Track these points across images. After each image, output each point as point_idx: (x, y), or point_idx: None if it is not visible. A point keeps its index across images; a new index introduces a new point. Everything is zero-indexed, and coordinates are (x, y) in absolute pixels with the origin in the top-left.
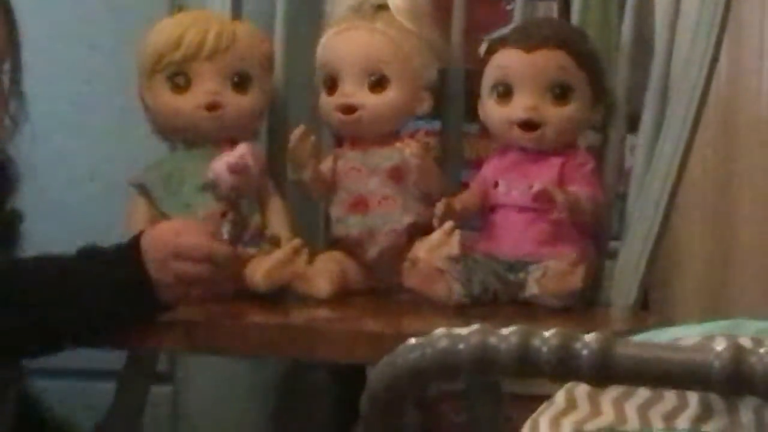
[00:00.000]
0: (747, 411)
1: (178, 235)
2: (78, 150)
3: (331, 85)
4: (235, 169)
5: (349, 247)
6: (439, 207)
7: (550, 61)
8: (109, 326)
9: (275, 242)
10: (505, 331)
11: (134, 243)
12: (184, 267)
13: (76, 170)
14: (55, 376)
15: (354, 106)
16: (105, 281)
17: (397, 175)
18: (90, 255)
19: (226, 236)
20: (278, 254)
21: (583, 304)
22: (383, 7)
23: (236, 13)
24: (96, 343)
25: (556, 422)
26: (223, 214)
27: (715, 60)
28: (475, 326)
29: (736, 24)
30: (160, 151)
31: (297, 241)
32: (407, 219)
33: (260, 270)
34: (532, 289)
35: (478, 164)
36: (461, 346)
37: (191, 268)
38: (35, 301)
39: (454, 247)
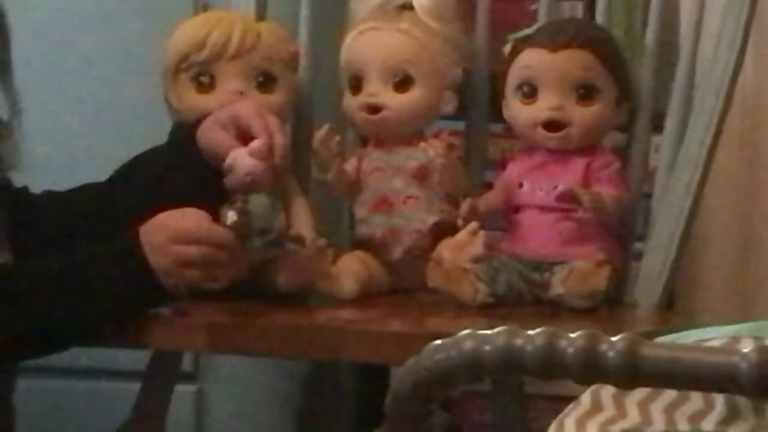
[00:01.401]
0: None
1: (178, 219)
2: (99, 148)
3: (356, 84)
4: (257, 154)
5: (374, 247)
6: (464, 207)
7: (575, 61)
8: (113, 318)
9: (299, 242)
10: (531, 332)
11: (133, 234)
12: (184, 249)
13: (97, 169)
14: (79, 375)
15: (378, 106)
16: (106, 273)
17: (421, 174)
18: (90, 249)
19: (229, 222)
20: (302, 254)
21: (608, 305)
22: (408, 7)
23: (261, 12)
24: (103, 337)
25: (581, 424)
26: (231, 202)
27: (740, 60)
28: (501, 327)
29: (761, 24)
30: None
31: (321, 241)
32: (431, 219)
33: (284, 270)
34: (557, 289)
35: (502, 164)
36: (487, 347)
37: (191, 250)
38: (35, 299)
39: (478, 247)
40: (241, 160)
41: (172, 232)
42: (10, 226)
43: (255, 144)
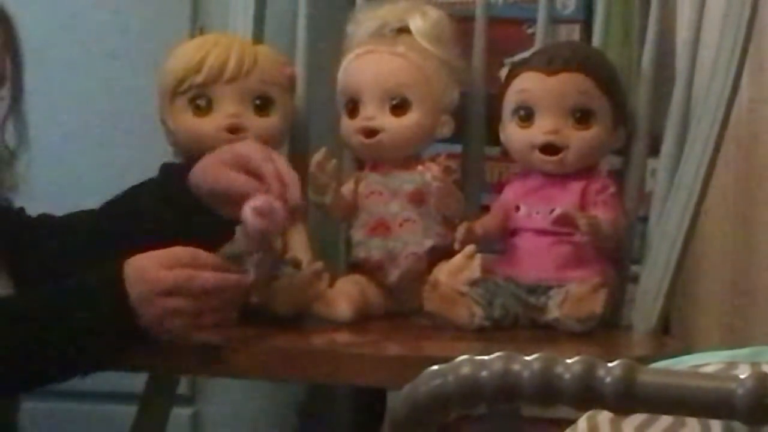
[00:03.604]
0: None
1: (162, 268)
2: (100, 169)
3: (353, 108)
4: (261, 213)
5: (370, 270)
6: (460, 230)
7: (571, 84)
8: (90, 358)
9: (296, 265)
10: (528, 358)
11: (117, 272)
12: (174, 302)
13: (95, 188)
14: (76, 398)
15: (375, 130)
16: (85, 315)
17: (418, 198)
18: (71, 286)
19: (253, 276)
20: (299, 277)
21: (604, 328)
22: (405, 31)
23: (258, 36)
24: (78, 374)
25: None
26: (250, 253)
27: (736, 83)
28: (497, 353)
29: (757, 47)
30: None
31: (318, 264)
32: (428, 242)
33: (281, 293)
34: (553, 312)
35: (499, 187)
36: (484, 373)
37: (181, 303)
38: (8, 341)
39: (475, 270)
40: (252, 220)
41: (161, 285)
42: (9, 250)
43: (260, 203)
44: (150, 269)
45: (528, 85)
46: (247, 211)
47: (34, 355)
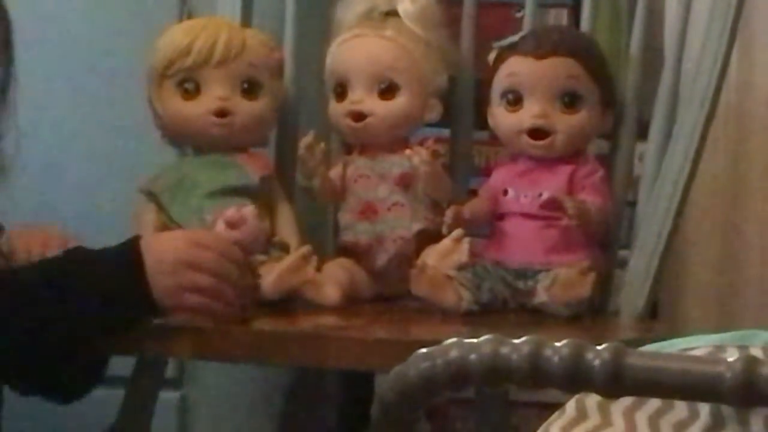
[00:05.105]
0: (758, 422)
1: (194, 245)
2: (89, 155)
3: (341, 91)
4: (232, 223)
5: (358, 254)
6: (449, 214)
7: (559, 68)
8: (98, 335)
9: (284, 249)
10: (516, 341)
11: (133, 248)
12: (199, 278)
13: (81, 177)
14: None
15: (363, 113)
16: (97, 289)
17: (406, 182)
18: (83, 260)
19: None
20: (287, 261)
21: (592, 313)
22: (393, 14)
23: (246, 19)
24: (86, 353)
25: None
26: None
27: (725, 67)
28: (486, 336)
29: (746, 31)
30: (171, 157)
31: (306, 248)
32: (416, 226)
33: (269, 277)
34: (541, 296)
35: (487, 171)
36: (473, 356)
37: (205, 281)
38: (17, 318)
39: (463, 254)
40: (225, 233)
41: (189, 257)
42: None
43: (229, 215)
44: (182, 241)
45: (516, 69)
46: (221, 227)
47: (42, 326)
